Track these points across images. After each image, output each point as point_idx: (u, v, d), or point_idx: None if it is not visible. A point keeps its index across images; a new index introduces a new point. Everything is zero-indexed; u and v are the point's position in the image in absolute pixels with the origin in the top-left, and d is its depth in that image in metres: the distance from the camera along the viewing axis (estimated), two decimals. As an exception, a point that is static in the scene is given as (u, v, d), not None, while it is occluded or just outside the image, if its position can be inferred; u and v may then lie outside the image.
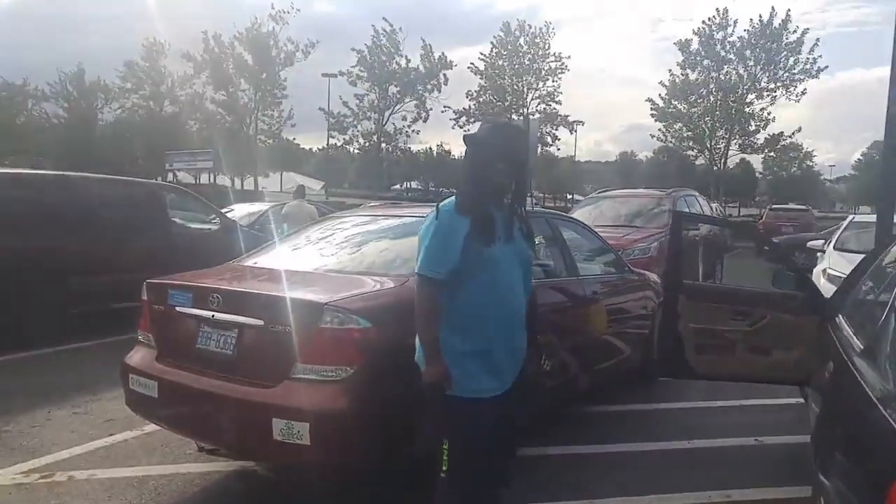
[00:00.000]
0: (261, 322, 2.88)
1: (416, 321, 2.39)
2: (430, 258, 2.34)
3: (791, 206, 22.68)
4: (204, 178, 35.40)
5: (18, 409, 4.30)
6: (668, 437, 4.06)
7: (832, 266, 6.48)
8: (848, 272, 5.81)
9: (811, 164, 48.51)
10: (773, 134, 35.75)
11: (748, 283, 8.19)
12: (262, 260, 3.85)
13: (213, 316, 3.02)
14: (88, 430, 4.02)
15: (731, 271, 11.39)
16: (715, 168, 36.69)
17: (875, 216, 8.64)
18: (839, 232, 7.85)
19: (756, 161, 43.07)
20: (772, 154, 38.23)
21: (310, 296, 2.95)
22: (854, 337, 2.37)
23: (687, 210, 9.39)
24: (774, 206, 23.06)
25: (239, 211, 12.69)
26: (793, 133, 36.43)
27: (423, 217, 2.61)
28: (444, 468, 2.36)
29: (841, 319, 2.80)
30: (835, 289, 5.02)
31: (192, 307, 3.14)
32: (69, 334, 6.16)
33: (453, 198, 2.48)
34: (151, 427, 3.94)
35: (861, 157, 61.64)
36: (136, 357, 3.33)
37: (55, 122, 35.35)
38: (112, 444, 3.81)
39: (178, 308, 3.20)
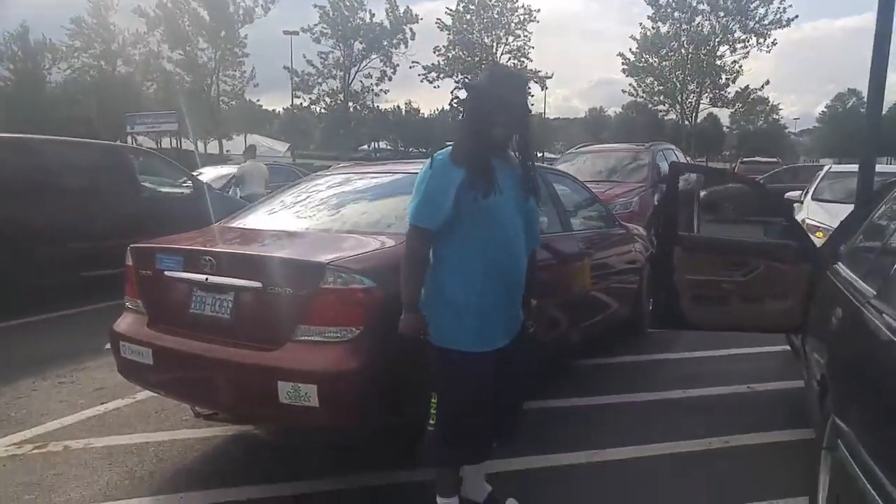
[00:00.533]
0: (258, 284, 2.78)
1: (401, 269, 2.36)
2: (421, 208, 2.30)
3: (760, 159, 23.00)
4: (166, 143, 34.24)
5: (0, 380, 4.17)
6: (663, 387, 4.13)
7: (810, 216, 6.59)
8: (826, 221, 5.97)
9: (777, 117, 49.13)
10: (743, 87, 36.10)
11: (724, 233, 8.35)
12: (250, 221, 3.72)
13: (206, 280, 2.91)
14: (78, 399, 3.91)
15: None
16: (686, 122, 36.98)
17: (849, 166, 8.84)
18: (816, 182, 7.98)
19: (723, 115, 43.53)
20: (742, 108, 38.65)
21: (309, 256, 2.86)
22: (861, 282, 2.39)
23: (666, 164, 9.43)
24: (745, 160, 23.35)
25: (208, 174, 12.35)
26: (762, 86, 36.81)
27: (409, 174, 2.53)
28: (431, 421, 2.36)
29: (842, 267, 2.83)
30: (814, 238, 5.13)
31: (184, 271, 3.02)
32: (38, 306, 5.96)
33: (449, 147, 2.41)
34: (143, 395, 3.86)
35: (825, 110, 62.62)
36: (126, 324, 3.21)
37: (0, 84, 33.60)
38: (104, 412, 3.71)
39: (167, 273, 3.08)
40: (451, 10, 38.07)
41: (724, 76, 35.55)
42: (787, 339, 4.48)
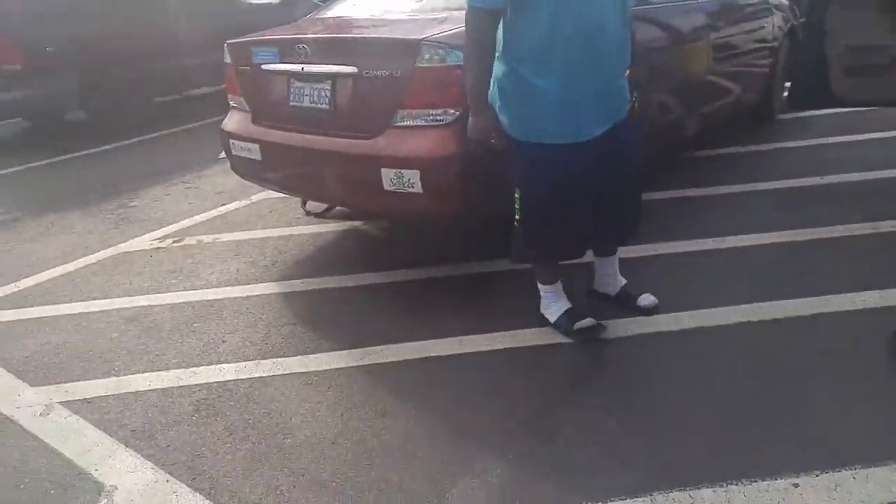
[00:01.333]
0: (354, 69, 2.63)
1: (465, 63, 2.11)
2: None
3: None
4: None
5: (138, 188, 4.55)
6: (796, 174, 3.72)
7: None
8: None
9: None
10: None
11: None
12: (339, 11, 3.48)
13: (302, 69, 2.80)
14: (202, 202, 4.17)
15: None
16: None
17: None
18: None
19: None
20: None
21: (404, 34, 2.66)
22: None
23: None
24: None
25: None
26: None
27: None
28: (517, 217, 2.21)
29: None
30: None
31: (280, 62, 2.91)
32: (152, 125, 6.31)
33: None
34: (258, 196, 4.05)
35: None
36: (233, 122, 3.23)
37: None
38: (226, 212, 3.95)
39: (264, 66, 2.99)
40: None
41: None
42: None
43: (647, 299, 2.47)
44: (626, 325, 2.39)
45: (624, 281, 2.55)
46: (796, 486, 1.62)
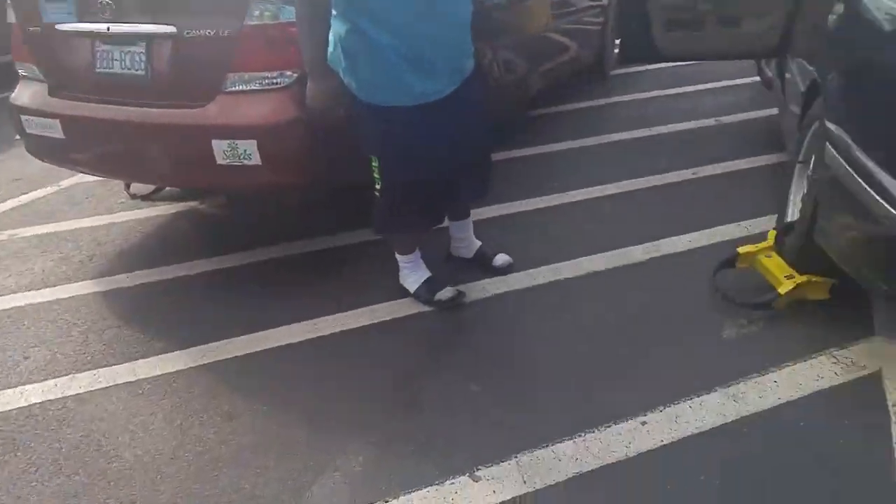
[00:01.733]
0: (173, 29, 2.31)
1: (298, 25, 1.99)
2: None
3: None
4: None
5: None
6: (627, 128, 3.92)
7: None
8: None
9: None
10: None
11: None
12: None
13: (108, 29, 2.41)
14: (-6, 192, 3.55)
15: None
16: None
17: None
18: None
19: None
20: None
21: None
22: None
23: None
24: None
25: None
26: None
27: None
28: (377, 186, 2.12)
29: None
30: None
31: (78, 21, 2.49)
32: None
33: None
34: (70, 181, 3.53)
35: None
36: (25, 95, 2.72)
37: None
38: (28, 202, 3.39)
39: (58, 26, 2.53)
40: None
41: None
42: (757, 69, 4.27)
43: (501, 258, 2.48)
44: (483, 286, 2.37)
45: (479, 243, 2.53)
46: (644, 423, 1.70)
